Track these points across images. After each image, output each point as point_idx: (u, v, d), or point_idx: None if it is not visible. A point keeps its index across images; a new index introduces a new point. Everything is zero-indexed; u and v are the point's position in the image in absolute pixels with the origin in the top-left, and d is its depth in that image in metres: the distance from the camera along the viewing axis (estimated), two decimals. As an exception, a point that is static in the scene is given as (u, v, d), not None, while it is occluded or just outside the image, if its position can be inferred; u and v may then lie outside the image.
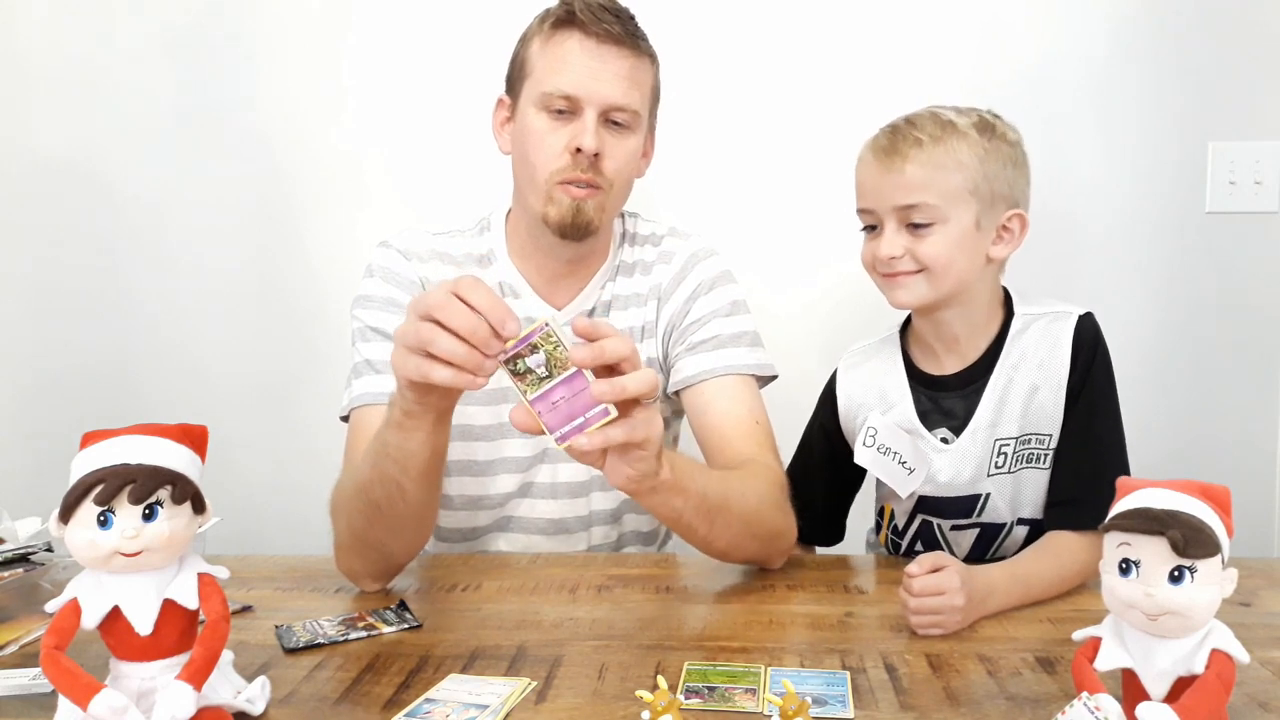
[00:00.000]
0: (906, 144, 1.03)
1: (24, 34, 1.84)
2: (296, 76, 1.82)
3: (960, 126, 1.03)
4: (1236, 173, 1.72)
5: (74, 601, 0.65)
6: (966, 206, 1.03)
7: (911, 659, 0.82)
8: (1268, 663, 0.80)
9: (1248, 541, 0.74)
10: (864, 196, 1.07)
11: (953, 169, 1.02)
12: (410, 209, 1.81)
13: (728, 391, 1.16)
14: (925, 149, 1.02)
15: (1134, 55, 1.71)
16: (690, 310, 1.21)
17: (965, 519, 1.10)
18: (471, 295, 0.76)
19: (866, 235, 1.10)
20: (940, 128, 1.03)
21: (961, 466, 1.08)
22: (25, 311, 1.90)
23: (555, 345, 0.75)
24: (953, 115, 1.05)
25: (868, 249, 1.09)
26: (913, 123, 1.05)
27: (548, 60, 1.11)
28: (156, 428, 0.67)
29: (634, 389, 0.75)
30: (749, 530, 1.00)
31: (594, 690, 0.76)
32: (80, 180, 1.86)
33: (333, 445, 1.25)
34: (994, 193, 1.04)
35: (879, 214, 1.06)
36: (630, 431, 0.77)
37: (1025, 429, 1.07)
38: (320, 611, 0.96)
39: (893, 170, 1.03)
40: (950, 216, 1.03)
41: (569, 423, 0.76)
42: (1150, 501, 0.62)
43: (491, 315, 0.75)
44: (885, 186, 1.04)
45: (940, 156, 1.02)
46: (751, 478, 1.04)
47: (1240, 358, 1.76)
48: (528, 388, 0.77)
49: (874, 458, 1.08)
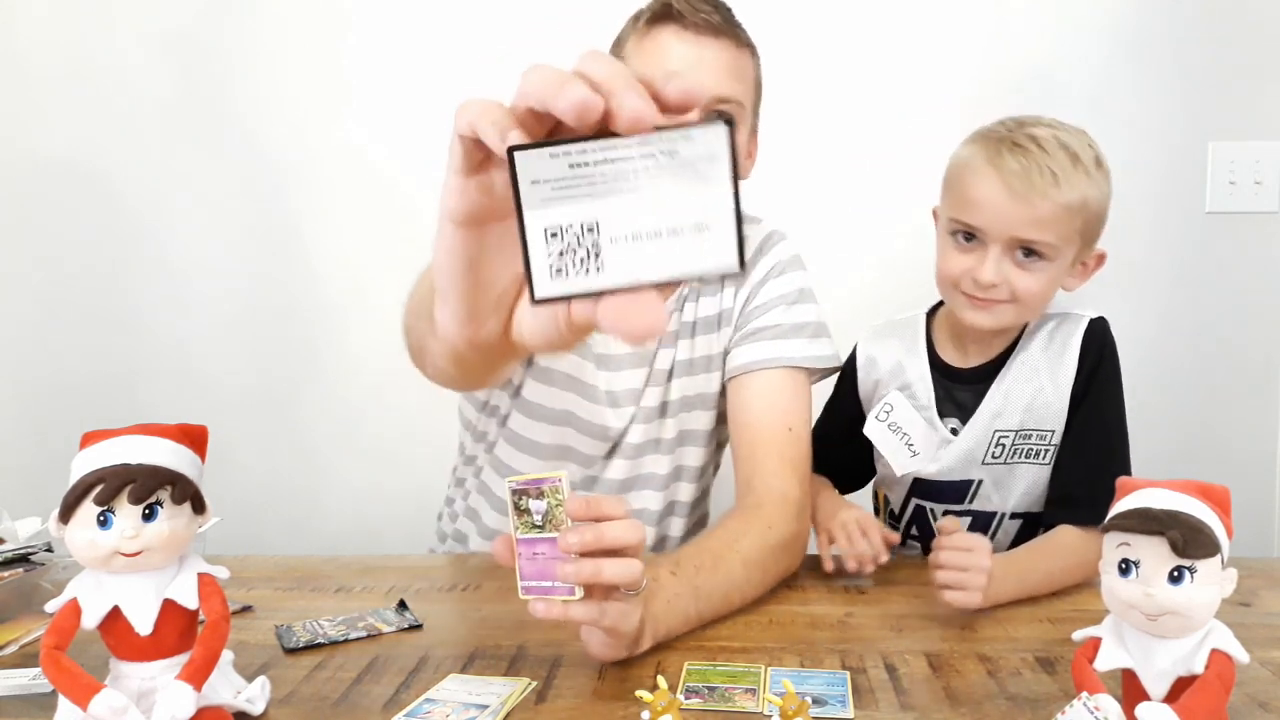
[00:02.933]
0: (1042, 178, 0.99)
1: (24, 34, 1.84)
2: (297, 77, 1.82)
3: (1085, 161, 1.01)
4: (1236, 173, 1.72)
5: (74, 601, 0.65)
6: (1072, 245, 1.03)
7: (911, 659, 0.82)
8: (1267, 663, 0.80)
9: (1248, 541, 0.74)
10: (976, 213, 1.02)
11: (1077, 210, 1.01)
12: (411, 210, 1.81)
13: (770, 391, 1.11)
14: (1061, 188, 0.99)
15: (1134, 55, 1.71)
16: (758, 294, 1.16)
17: (957, 505, 1.12)
18: None
19: (952, 242, 1.06)
20: (1071, 161, 1.00)
21: (958, 452, 1.09)
22: (25, 311, 1.90)
23: (558, 503, 0.73)
24: (1072, 140, 1.02)
25: (956, 261, 1.05)
26: (1044, 147, 1.00)
27: (643, 57, 1.05)
28: (156, 428, 0.67)
29: (610, 576, 0.71)
30: (754, 595, 0.97)
31: (594, 690, 0.76)
32: (80, 181, 1.86)
33: (333, 445, 1.25)
34: (1095, 234, 1.05)
35: (988, 235, 1.02)
36: (597, 617, 0.73)
37: (1026, 424, 1.08)
38: (320, 611, 0.96)
39: (1025, 203, 0.99)
40: (1060, 255, 1.02)
41: (539, 580, 0.74)
42: (1150, 501, 0.62)
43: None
44: (1011, 215, 1.00)
45: (1070, 196, 0.99)
46: (747, 537, 0.97)
47: (1240, 357, 1.76)
48: (521, 526, 0.75)
49: (883, 433, 1.09)
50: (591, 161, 0.38)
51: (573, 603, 0.72)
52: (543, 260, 0.39)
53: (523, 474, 0.76)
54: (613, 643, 0.78)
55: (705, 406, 1.18)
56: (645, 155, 0.38)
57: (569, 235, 0.39)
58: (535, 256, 0.39)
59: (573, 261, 0.39)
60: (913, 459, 1.08)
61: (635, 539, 0.73)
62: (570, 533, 0.71)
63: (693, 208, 0.39)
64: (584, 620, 0.74)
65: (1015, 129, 1.03)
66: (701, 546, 0.94)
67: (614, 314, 0.39)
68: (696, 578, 0.89)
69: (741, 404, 1.12)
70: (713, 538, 0.96)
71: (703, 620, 0.89)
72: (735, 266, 0.39)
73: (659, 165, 0.38)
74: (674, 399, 1.17)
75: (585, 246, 0.39)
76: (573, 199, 0.39)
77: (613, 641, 0.78)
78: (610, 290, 0.39)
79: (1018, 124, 1.04)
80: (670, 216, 0.39)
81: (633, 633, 0.78)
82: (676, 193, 0.39)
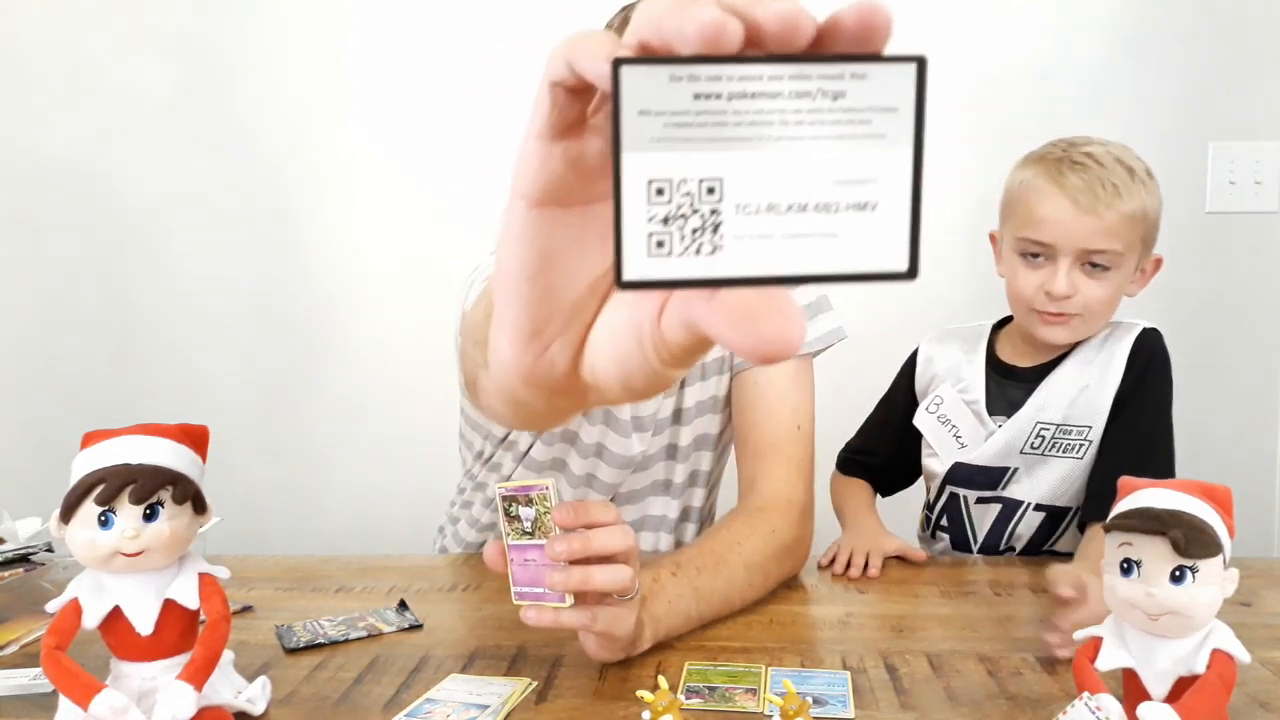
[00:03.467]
0: (1105, 190, 1.04)
1: (24, 34, 1.84)
2: (296, 78, 1.82)
3: (1139, 173, 1.06)
4: (1236, 173, 1.72)
5: (74, 601, 0.65)
6: (1134, 252, 1.08)
7: (912, 659, 0.82)
8: (1268, 663, 0.80)
9: (1249, 541, 0.74)
10: (1046, 230, 1.07)
11: (1139, 219, 1.06)
12: (410, 211, 1.81)
13: (778, 385, 1.10)
14: (1123, 198, 1.04)
15: (1134, 55, 1.71)
16: None
17: (990, 491, 1.15)
18: None
19: (1021, 262, 1.10)
20: (1128, 174, 1.06)
21: (1001, 441, 1.13)
22: (25, 311, 1.90)
23: (547, 510, 0.72)
24: (1123, 154, 1.08)
25: (1028, 279, 1.09)
26: (1101, 163, 1.06)
27: None
28: (157, 428, 0.67)
29: (599, 583, 0.71)
30: (755, 598, 0.97)
31: (594, 690, 0.76)
32: (80, 181, 1.86)
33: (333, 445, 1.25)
34: (1152, 241, 1.10)
35: (1059, 249, 1.06)
36: (589, 623, 0.73)
37: (1069, 418, 1.12)
38: (320, 611, 0.95)
39: (1093, 214, 1.04)
40: (1124, 263, 1.07)
41: (531, 586, 0.73)
42: (1151, 501, 0.62)
43: None
44: (1079, 228, 1.05)
45: (1132, 206, 1.05)
46: (750, 539, 0.97)
47: (1240, 357, 1.76)
48: (511, 532, 0.74)
49: (933, 424, 1.17)
50: (726, 94, 0.26)
51: (564, 609, 0.72)
52: (640, 225, 0.27)
53: (512, 480, 0.76)
54: (608, 645, 0.78)
55: (715, 410, 1.17)
56: (800, 93, 0.27)
57: (681, 194, 0.27)
58: (630, 219, 0.27)
59: (681, 233, 0.27)
60: (960, 450, 1.14)
61: (624, 545, 0.73)
62: (557, 541, 0.71)
63: (858, 176, 0.28)
64: (576, 626, 0.74)
65: (1069, 149, 1.08)
66: (703, 548, 0.94)
67: (737, 316, 0.26)
68: (698, 579, 0.89)
69: (748, 400, 1.11)
70: (715, 539, 0.96)
71: (703, 621, 0.89)
72: (904, 267, 0.29)
73: (816, 110, 0.27)
74: (689, 405, 1.16)
75: (702, 213, 0.27)
76: (692, 143, 0.27)
77: (608, 644, 0.78)
78: (730, 281, 0.27)
79: (1069, 144, 1.09)
80: (824, 186, 0.27)
81: (627, 636, 0.78)
82: (837, 152, 0.27)
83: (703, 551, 0.93)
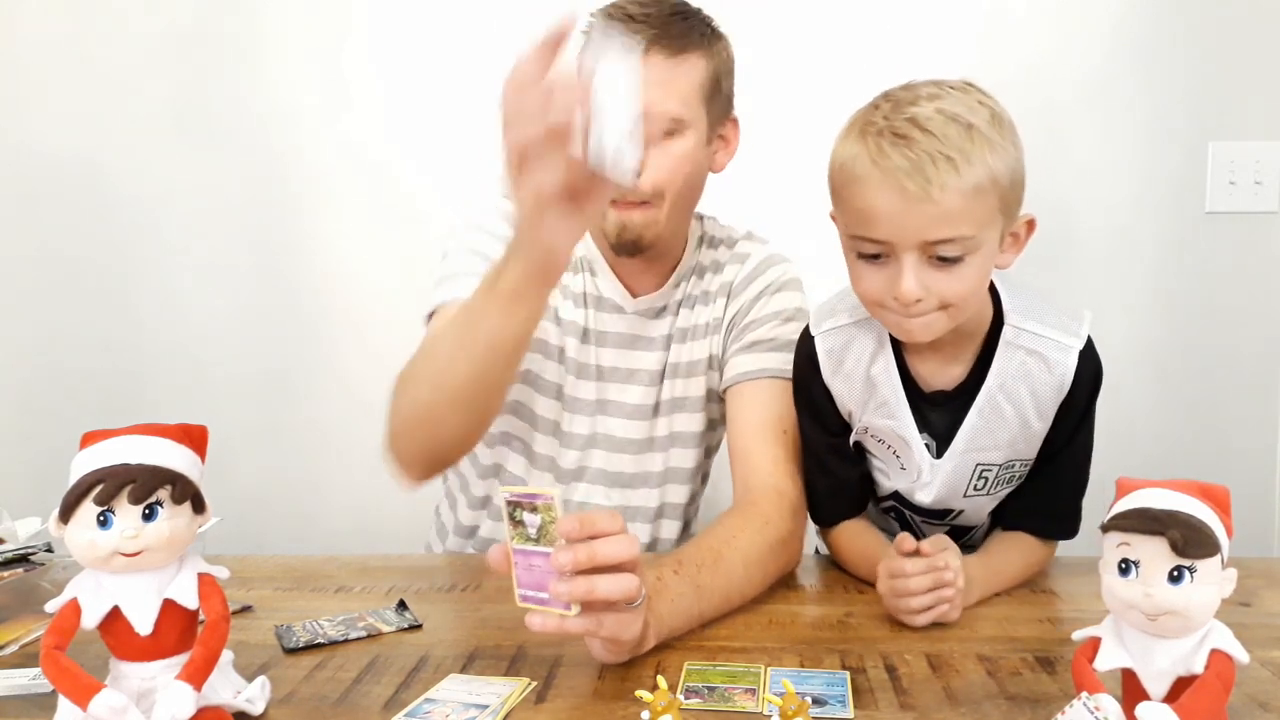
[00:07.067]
0: (937, 168, 0.82)
1: (24, 33, 1.85)
2: (298, 74, 1.82)
3: (980, 127, 0.85)
4: (1236, 173, 1.72)
5: (74, 601, 0.65)
6: (995, 226, 0.88)
7: (911, 659, 0.82)
8: (1267, 663, 0.80)
9: (1247, 541, 0.74)
10: (877, 227, 0.87)
11: (988, 189, 0.85)
12: (412, 205, 1.82)
13: (765, 398, 1.13)
14: (961, 172, 0.83)
15: (1134, 55, 1.72)
16: (754, 309, 1.19)
17: (938, 520, 1.10)
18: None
19: (862, 261, 0.91)
20: (966, 137, 0.84)
21: (938, 487, 1.02)
22: (26, 310, 1.90)
23: (552, 520, 0.72)
24: (958, 106, 0.86)
25: (870, 281, 0.91)
26: (928, 131, 0.83)
27: None
28: (156, 427, 0.67)
29: (604, 593, 0.71)
30: (753, 594, 0.97)
31: (594, 690, 0.76)
32: (81, 179, 1.86)
33: (333, 445, 1.25)
34: (1016, 201, 0.89)
35: (897, 247, 0.87)
36: (594, 629, 0.73)
37: (1011, 457, 1.02)
38: (320, 611, 0.95)
39: (923, 200, 0.83)
40: (982, 244, 0.87)
41: (536, 590, 0.74)
42: (1150, 501, 0.62)
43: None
44: (912, 219, 0.84)
45: (976, 177, 0.83)
46: (745, 532, 0.98)
47: (1240, 357, 1.76)
48: (516, 537, 0.74)
49: (871, 444, 1.06)
50: None
51: (569, 617, 0.72)
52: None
53: (516, 485, 0.76)
54: (614, 648, 0.78)
55: (693, 409, 1.22)
56: None
57: None
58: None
59: None
60: (903, 473, 1.04)
61: (629, 554, 0.73)
62: (563, 551, 0.71)
63: None
64: (581, 632, 0.74)
65: (892, 114, 0.86)
66: (701, 545, 0.95)
67: None
68: (699, 576, 0.89)
69: (738, 411, 1.15)
70: (711, 535, 0.97)
71: (704, 619, 0.89)
72: None
73: None
74: (665, 399, 1.22)
75: None
76: None
77: (614, 647, 0.78)
78: None
79: (893, 106, 0.87)
80: None
81: (633, 639, 0.78)
82: None
83: (701, 548, 0.94)
